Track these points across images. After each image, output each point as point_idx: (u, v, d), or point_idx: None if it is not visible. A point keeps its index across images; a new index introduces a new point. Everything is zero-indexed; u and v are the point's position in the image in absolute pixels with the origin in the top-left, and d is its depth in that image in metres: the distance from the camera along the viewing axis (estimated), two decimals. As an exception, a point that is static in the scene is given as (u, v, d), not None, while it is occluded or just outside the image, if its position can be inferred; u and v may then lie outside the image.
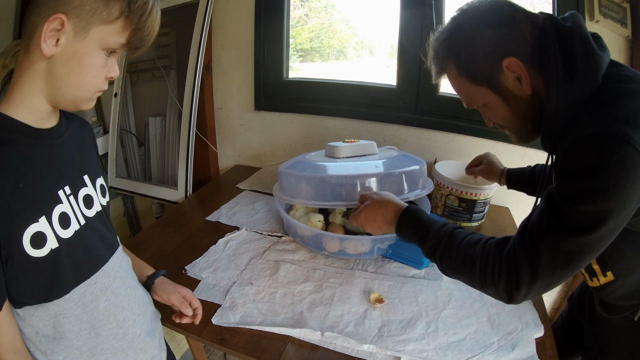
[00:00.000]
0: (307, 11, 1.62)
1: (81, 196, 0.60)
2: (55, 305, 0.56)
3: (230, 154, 1.72)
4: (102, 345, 0.62)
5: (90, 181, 0.63)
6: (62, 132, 0.59)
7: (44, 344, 0.57)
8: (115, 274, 0.65)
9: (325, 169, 1.03)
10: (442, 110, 1.38)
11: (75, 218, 0.58)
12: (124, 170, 1.68)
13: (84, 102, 0.56)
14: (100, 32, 0.51)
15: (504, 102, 0.65)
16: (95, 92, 0.56)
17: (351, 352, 0.75)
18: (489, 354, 0.74)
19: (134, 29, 0.53)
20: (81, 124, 0.67)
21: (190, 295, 0.79)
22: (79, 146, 0.63)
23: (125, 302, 0.66)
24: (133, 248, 1.05)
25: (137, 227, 2.01)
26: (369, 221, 0.78)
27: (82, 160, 0.63)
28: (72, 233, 0.57)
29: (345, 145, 1.10)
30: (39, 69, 0.52)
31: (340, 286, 0.92)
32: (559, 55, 0.59)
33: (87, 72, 0.53)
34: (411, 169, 1.02)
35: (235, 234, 1.13)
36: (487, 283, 0.61)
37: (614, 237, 0.56)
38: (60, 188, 0.56)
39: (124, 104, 1.62)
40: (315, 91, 1.53)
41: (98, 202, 0.64)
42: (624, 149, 0.51)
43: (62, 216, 0.55)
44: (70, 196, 0.58)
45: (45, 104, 0.55)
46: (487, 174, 1.08)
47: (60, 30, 0.49)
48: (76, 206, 0.59)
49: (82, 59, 0.52)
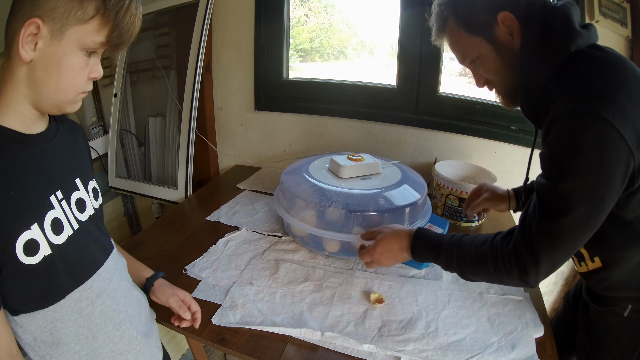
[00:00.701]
0: (307, 11, 1.62)
1: (73, 200, 0.60)
2: (51, 311, 0.56)
3: (230, 153, 1.72)
4: (101, 349, 0.62)
5: (83, 184, 0.62)
6: (52, 136, 0.59)
7: (42, 349, 0.57)
8: (110, 276, 0.64)
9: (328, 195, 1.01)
10: (442, 110, 1.38)
11: (68, 223, 0.57)
12: (124, 170, 1.68)
13: (66, 104, 0.55)
14: (77, 33, 0.50)
15: (496, 53, 0.68)
16: (78, 94, 0.55)
17: (351, 352, 0.75)
18: (489, 354, 0.74)
19: (112, 27, 0.52)
20: (71, 127, 0.66)
21: (189, 299, 0.79)
22: (69, 149, 0.62)
23: (122, 305, 0.65)
24: (133, 248, 1.05)
25: (137, 227, 2.01)
26: (385, 254, 0.81)
27: (73, 164, 0.62)
28: (65, 238, 0.56)
29: (350, 166, 1.09)
30: (20, 74, 0.51)
31: (340, 286, 0.92)
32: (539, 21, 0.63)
33: (66, 74, 0.52)
34: (414, 201, 1.01)
35: (235, 234, 1.13)
36: (503, 276, 0.66)
37: (602, 216, 0.58)
38: (51, 193, 0.56)
39: (124, 104, 1.62)
40: (315, 91, 1.53)
41: (91, 206, 0.63)
42: (600, 125, 0.52)
43: (54, 222, 0.55)
44: (62, 201, 0.57)
45: (31, 109, 0.54)
46: (494, 201, 0.99)
47: (37, 34, 0.49)
48: (69, 211, 0.58)
49: (60, 62, 0.51)
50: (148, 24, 1.54)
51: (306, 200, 1.01)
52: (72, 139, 0.64)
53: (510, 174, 1.34)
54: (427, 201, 1.12)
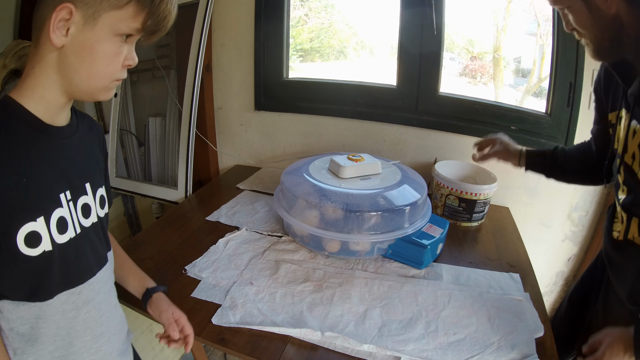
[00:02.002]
0: (307, 11, 1.62)
1: (80, 204, 0.58)
2: (37, 307, 0.54)
3: (230, 153, 1.72)
4: (74, 356, 0.60)
5: (92, 190, 0.61)
6: (72, 133, 0.58)
7: (16, 341, 0.55)
8: (100, 288, 0.63)
9: (328, 195, 1.01)
10: (442, 110, 1.38)
11: (72, 225, 0.56)
12: (124, 170, 1.68)
13: (100, 91, 0.54)
14: (111, 18, 0.50)
15: (587, 10, 0.66)
16: (112, 81, 0.54)
17: (351, 352, 0.75)
18: (489, 354, 0.74)
19: (148, 13, 0.51)
20: (91, 126, 0.65)
21: (183, 320, 0.74)
22: (85, 151, 0.61)
23: (105, 319, 0.64)
24: (133, 248, 1.05)
25: (137, 227, 2.01)
26: None
27: (86, 167, 0.61)
28: (67, 239, 0.55)
29: (350, 166, 1.09)
30: (50, 60, 0.51)
31: (340, 286, 0.92)
32: None
33: (100, 60, 0.51)
34: (414, 201, 1.02)
35: (235, 234, 1.13)
36: None
37: None
38: (62, 191, 0.55)
39: (124, 104, 1.62)
40: (315, 91, 1.53)
41: (95, 213, 0.62)
42: None
43: (60, 220, 0.54)
44: (70, 202, 0.56)
45: (59, 96, 0.53)
46: (504, 155, 1.03)
47: (69, 19, 0.48)
48: (74, 213, 0.57)
49: (93, 47, 0.50)
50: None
51: (306, 200, 1.01)
52: (89, 139, 0.63)
53: (510, 173, 1.34)
54: (427, 201, 1.12)
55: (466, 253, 1.09)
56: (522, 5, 1.44)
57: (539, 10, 1.37)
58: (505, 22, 1.44)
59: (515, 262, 1.04)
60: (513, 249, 1.11)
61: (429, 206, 1.11)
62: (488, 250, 1.10)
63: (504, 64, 1.53)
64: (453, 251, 1.09)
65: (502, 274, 0.98)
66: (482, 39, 1.55)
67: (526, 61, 1.54)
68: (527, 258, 1.06)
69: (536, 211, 1.37)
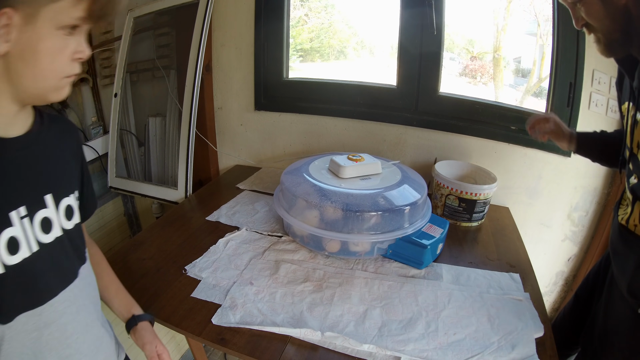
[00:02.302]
0: (307, 11, 1.62)
1: (38, 219, 0.53)
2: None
3: (230, 153, 1.72)
4: None
5: (54, 201, 0.56)
6: (31, 142, 0.53)
7: None
8: (64, 309, 0.57)
9: (328, 195, 1.01)
10: (442, 110, 1.38)
11: (26, 243, 0.52)
12: (124, 170, 1.68)
13: (50, 92, 0.51)
14: (51, 12, 0.46)
15: (600, 1, 0.66)
16: (62, 79, 0.51)
17: (351, 352, 0.75)
18: (489, 354, 0.74)
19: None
20: (63, 130, 0.60)
21: (166, 356, 0.71)
22: (50, 158, 0.57)
23: (72, 340, 0.59)
24: (133, 248, 1.06)
25: (137, 227, 2.01)
26: None
27: (49, 176, 0.56)
28: (20, 260, 0.51)
29: (350, 166, 1.09)
30: None
31: (340, 286, 0.92)
32: None
33: (43, 59, 0.48)
34: (414, 201, 1.02)
35: (235, 234, 1.13)
36: None
37: None
38: (13, 209, 0.50)
39: (124, 104, 1.62)
40: (315, 91, 1.53)
41: (59, 227, 0.57)
42: None
43: (10, 241, 0.49)
44: (24, 218, 0.51)
45: (9, 105, 0.50)
46: (557, 135, 1.00)
47: (9, 25, 0.45)
48: (30, 230, 0.52)
49: (36, 47, 0.47)
50: (148, 24, 1.54)
51: (306, 200, 1.01)
52: (59, 145, 0.59)
53: (510, 173, 1.34)
54: (427, 201, 1.12)
55: (466, 253, 1.09)
56: (522, 5, 1.45)
57: (539, 10, 1.37)
58: (505, 22, 1.44)
59: (515, 262, 1.04)
60: (513, 249, 1.11)
61: (429, 206, 1.11)
62: (488, 250, 1.10)
63: (504, 64, 1.53)
64: (453, 251, 1.09)
65: (502, 274, 0.98)
66: (482, 39, 1.55)
67: (526, 61, 1.54)
68: (527, 258, 1.06)
69: (536, 211, 1.37)
